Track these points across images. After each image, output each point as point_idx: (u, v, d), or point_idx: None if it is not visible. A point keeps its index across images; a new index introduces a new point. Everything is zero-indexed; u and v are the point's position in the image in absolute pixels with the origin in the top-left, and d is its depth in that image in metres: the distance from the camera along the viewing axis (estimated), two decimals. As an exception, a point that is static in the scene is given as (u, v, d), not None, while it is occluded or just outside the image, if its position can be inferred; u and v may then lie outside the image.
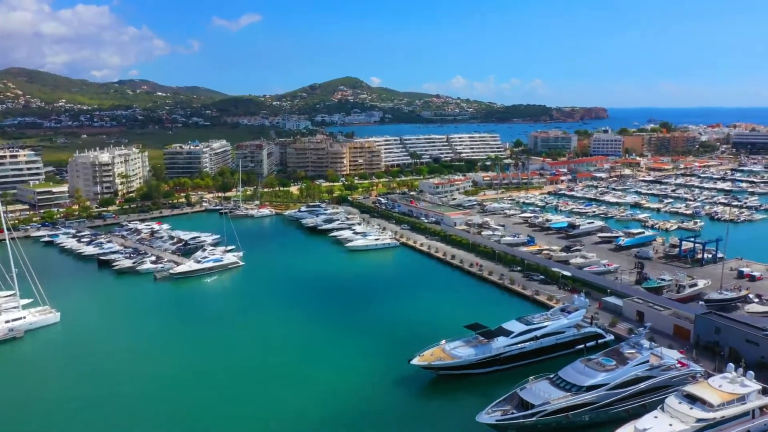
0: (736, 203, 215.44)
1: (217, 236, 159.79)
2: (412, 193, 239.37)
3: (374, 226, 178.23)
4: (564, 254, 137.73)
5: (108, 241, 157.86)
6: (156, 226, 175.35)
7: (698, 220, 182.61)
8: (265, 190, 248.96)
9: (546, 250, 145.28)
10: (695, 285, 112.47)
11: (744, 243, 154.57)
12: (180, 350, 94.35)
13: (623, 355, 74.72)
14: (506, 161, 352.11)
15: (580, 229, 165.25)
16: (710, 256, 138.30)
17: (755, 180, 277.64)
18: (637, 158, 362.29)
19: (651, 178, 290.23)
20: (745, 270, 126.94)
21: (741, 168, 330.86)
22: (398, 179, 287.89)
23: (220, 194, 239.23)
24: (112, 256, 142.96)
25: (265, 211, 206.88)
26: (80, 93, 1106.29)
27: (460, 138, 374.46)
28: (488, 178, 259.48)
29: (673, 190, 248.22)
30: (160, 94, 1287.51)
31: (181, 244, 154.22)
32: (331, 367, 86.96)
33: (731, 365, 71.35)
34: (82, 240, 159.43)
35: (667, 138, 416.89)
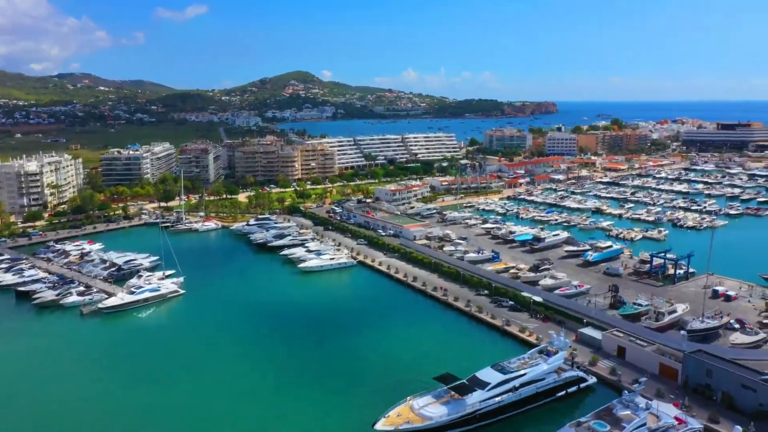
0: (695, 207, 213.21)
1: (156, 258, 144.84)
2: (367, 200, 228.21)
3: (329, 241, 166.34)
4: (532, 274, 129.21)
5: (30, 267, 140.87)
6: (87, 246, 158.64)
7: (662, 229, 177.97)
8: (212, 198, 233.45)
9: (513, 268, 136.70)
10: (674, 311, 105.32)
11: (713, 254, 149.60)
12: (106, 404, 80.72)
13: (617, 417, 65.85)
14: (462, 162, 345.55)
15: (546, 242, 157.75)
16: (682, 271, 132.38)
17: (710, 181, 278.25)
18: (593, 157, 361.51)
19: (608, 180, 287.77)
20: (720, 289, 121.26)
21: (693, 167, 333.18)
22: (353, 183, 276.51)
23: (162, 204, 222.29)
24: (33, 287, 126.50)
25: (211, 224, 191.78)
26: (16, 87, 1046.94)
27: (415, 138, 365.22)
28: (446, 183, 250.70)
29: (633, 193, 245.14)
30: (102, 88, 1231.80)
31: (114, 269, 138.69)
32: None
33: (738, 428, 63.13)
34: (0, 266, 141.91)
35: (620, 136, 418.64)
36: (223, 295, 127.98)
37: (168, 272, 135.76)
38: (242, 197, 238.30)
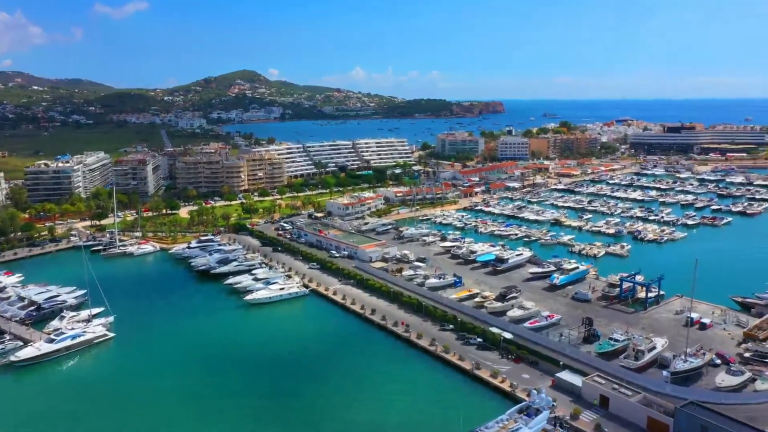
0: (653, 217, 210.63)
1: (82, 292, 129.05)
2: (319, 214, 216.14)
3: (278, 267, 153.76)
4: (499, 304, 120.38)
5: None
6: (3, 279, 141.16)
7: (625, 244, 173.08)
8: (150, 214, 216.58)
9: (478, 295, 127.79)
10: (653, 348, 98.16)
11: (676, 271, 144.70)
12: None
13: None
14: (416, 168, 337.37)
15: (509, 263, 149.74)
16: (652, 295, 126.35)
17: (662, 187, 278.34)
18: (545, 162, 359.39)
19: (563, 186, 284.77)
20: (694, 316, 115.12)
21: (644, 171, 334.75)
22: (303, 194, 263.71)
23: (94, 223, 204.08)
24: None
25: (148, 247, 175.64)
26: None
27: (366, 144, 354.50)
28: (401, 194, 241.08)
29: (589, 202, 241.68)
30: (36, 88, 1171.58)
31: (32, 309, 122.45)
32: None
33: None
34: None
35: (571, 140, 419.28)
36: (160, 337, 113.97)
37: (95, 310, 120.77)
38: (184, 212, 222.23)
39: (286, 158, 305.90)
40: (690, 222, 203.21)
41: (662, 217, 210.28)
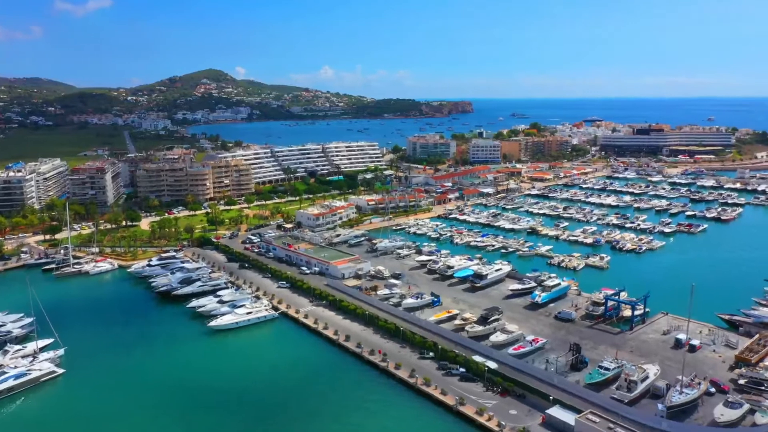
0: (630, 225, 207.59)
1: (29, 320, 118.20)
2: (288, 225, 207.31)
3: (245, 287, 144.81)
4: (481, 327, 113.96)
5: None
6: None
7: (604, 255, 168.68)
8: (109, 227, 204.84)
9: (457, 316, 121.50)
10: (646, 377, 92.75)
11: (659, 286, 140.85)
12: None
13: None
14: (387, 173, 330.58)
15: (488, 279, 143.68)
16: (638, 312, 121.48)
17: (636, 192, 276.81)
18: (518, 165, 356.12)
19: (537, 191, 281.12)
20: (683, 337, 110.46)
21: (615, 175, 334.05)
22: (272, 202, 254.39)
23: (48, 238, 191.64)
24: None
25: (105, 265, 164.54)
26: None
27: (336, 148, 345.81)
28: (373, 203, 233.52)
29: (564, 208, 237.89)
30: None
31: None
32: None
33: None
34: None
35: (542, 142, 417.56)
36: (116, 372, 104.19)
37: (43, 342, 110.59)
38: (145, 224, 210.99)
39: (254, 164, 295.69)
40: (667, 230, 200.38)
41: (638, 224, 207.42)
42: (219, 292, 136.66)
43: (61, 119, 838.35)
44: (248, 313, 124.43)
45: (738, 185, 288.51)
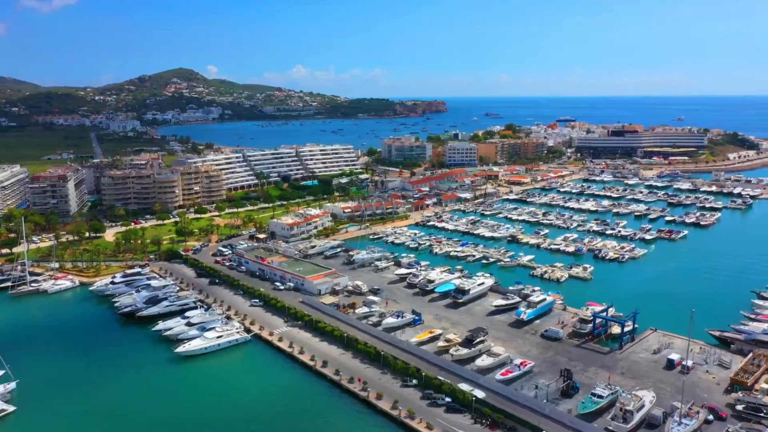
0: (610, 231, 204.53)
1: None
2: (261, 235, 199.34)
3: (216, 306, 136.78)
4: (466, 351, 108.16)
5: None
6: None
7: (587, 265, 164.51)
8: (71, 239, 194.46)
9: (440, 337, 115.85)
10: (642, 406, 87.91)
11: (645, 299, 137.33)
12: None
13: None
14: (363, 177, 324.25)
15: (470, 294, 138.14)
16: (627, 329, 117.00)
17: (614, 195, 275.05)
18: (495, 168, 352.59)
19: (515, 196, 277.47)
20: (675, 357, 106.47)
21: (592, 178, 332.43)
22: (244, 209, 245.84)
23: (5, 252, 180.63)
24: None
25: (65, 282, 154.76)
26: None
27: (310, 152, 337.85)
28: (349, 210, 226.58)
29: (544, 214, 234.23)
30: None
31: None
32: None
33: None
34: None
35: (519, 144, 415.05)
36: (74, 408, 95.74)
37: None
38: (110, 235, 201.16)
39: (225, 169, 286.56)
40: (648, 237, 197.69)
41: (619, 231, 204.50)
42: (187, 313, 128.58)
43: (26, 120, 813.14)
44: (218, 337, 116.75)
45: (714, 188, 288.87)
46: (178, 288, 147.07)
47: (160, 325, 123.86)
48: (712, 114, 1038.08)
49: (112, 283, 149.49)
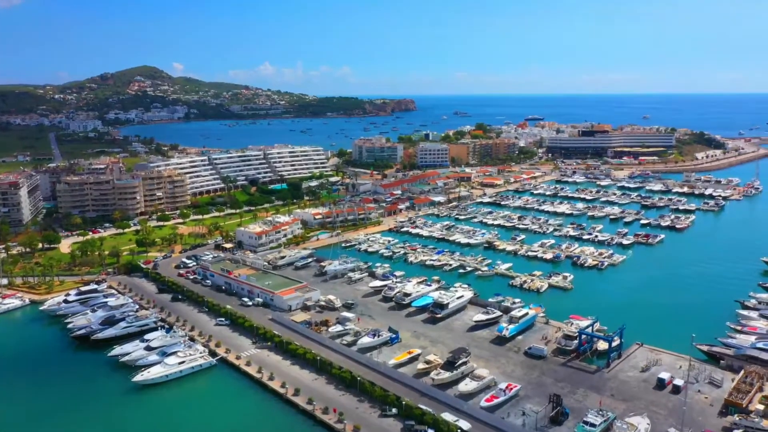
0: (587, 236, 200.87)
1: None
2: (227, 245, 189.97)
3: (179, 324, 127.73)
4: (448, 374, 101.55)
5: None
6: None
7: (567, 274, 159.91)
8: (23, 251, 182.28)
9: (419, 357, 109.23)
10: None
11: (628, 310, 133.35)
12: None
13: None
14: (333, 179, 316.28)
15: (449, 309, 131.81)
16: (615, 345, 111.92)
17: (588, 198, 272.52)
18: (467, 170, 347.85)
19: (489, 199, 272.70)
20: (665, 377, 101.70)
21: (565, 179, 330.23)
22: (210, 216, 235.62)
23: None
24: None
25: (14, 301, 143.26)
26: None
27: (279, 154, 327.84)
28: (320, 216, 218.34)
29: (519, 218, 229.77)
30: None
31: None
32: None
33: None
34: None
35: (490, 145, 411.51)
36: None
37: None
38: (66, 246, 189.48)
39: (190, 172, 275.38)
40: (625, 242, 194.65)
41: (596, 236, 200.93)
42: (147, 335, 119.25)
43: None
44: (180, 363, 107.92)
45: (685, 189, 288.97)
46: (137, 306, 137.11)
47: (117, 350, 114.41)
48: (674, 113, 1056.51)
49: (65, 301, 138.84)
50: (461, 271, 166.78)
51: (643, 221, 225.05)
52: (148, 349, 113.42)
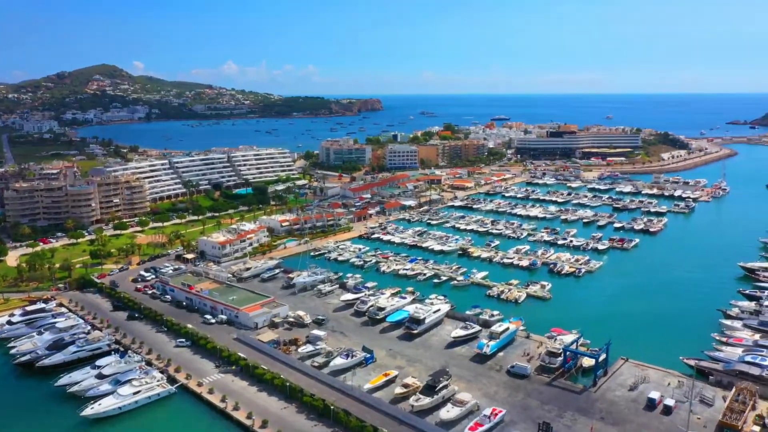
0: (562, 242, 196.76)
1: None
2: (189, 255, 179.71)
3: (134, 345, 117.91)
4: (428, 400, 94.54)
5: None
6: None
7: (545, 283, 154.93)
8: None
9: (397, 380, 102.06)
10: (634, 467, 76.98)
11: (609, 322, 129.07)
12: None
13: None
14: (300, 182, 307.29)
15: (426, 324, 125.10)
16: (601, 360, 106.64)
17: (559, 200, 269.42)
18: (437, 172, 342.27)
19: (460, 203, 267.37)
20: (655, 396, 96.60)
21: (535, 181, 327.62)
22: (170, 223, 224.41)
23: None
24: None
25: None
26: None
27: (244, 157, 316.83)
28: (287, 223, 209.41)
29: (492, 223, 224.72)
30: None
31: None
32: None
33: None
34: None
35: (460, 146, 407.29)
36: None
37: None
38: (13, 259, 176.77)
39: (150, 177, 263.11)
40: (600, 246, 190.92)
41: (571, 240, 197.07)
42: (99, 361, 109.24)
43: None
44: (136, 393, 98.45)
45: (655, 190, 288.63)
46: (89, 327, 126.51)
47: (65, 379, 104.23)
48: (636, 112, 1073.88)
49: (9, 323, 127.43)
50: (436, 280, 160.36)
51: (616, 224, 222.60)
52: (100, 377, 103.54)
